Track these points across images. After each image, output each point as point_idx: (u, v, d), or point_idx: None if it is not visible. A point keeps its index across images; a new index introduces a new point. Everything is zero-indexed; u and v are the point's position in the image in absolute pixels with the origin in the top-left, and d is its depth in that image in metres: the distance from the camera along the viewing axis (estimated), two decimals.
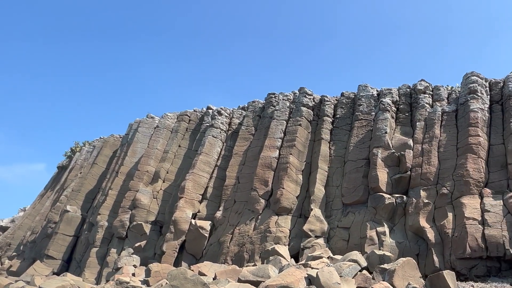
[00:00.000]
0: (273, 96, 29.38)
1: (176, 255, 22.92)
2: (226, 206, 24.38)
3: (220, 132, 28.59)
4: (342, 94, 27.79)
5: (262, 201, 23.37)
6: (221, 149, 28.03)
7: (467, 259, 17.57)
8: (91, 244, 25.79)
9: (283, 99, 28.42)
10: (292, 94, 28.97)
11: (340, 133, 25.65)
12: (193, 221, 23.74)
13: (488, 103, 23.10)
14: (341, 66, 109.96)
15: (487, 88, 23.80)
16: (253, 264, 19.98)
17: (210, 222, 23.96)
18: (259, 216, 22.84)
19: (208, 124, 29.60)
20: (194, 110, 32.35)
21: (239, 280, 15.82)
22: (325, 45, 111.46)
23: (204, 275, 17.71)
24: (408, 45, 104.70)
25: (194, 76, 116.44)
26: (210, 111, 31.11)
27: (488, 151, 21.22)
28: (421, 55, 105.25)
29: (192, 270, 17.92)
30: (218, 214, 24.10)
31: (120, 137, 34.24)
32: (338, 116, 26.59)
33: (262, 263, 19.69)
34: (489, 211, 18.51)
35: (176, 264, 22.22)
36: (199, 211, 24.75)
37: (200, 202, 25.26)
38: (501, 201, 18.92)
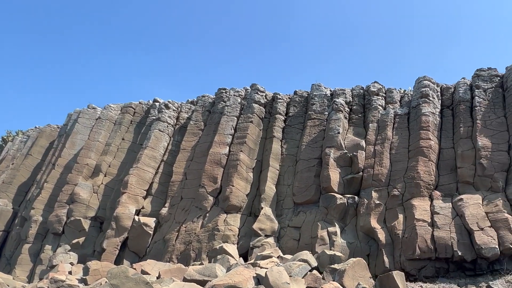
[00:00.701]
0: (223, 91, 29.08)
1: (117, 252, 22.17)
2: (172, 203, 23.86)
3: (167, 126, 27.94)
4: (295, 93, 27.93)
5: (211, 198, 23.05)
6: (168, 144, 27.43)
7: (416, 260, 18.04)
8: (23, 240, 24.47)
9: (234, 95, 28.19)
10: (244, 90, 28.80)
11: (292, 132, 25.74)
12: (136, 217, 23.07)
13: (439, 107, 23.99)
14: (294, 64, 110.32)
15: (439, 93, 24.70)
16: (199, 263, 19.67)
17: (154, 219, 23.36)
18: (207, 214, 22.53)
19: (154, 118, 28.89)
20: (140, 102, 31.51)
21: (185, 279, 15.49)
22: (278, 42, 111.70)
23: (147, 273, 17.28)
24: (362, 47, 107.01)
25: (141, 68, 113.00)
26: (157, 104, 30.38)
27: (439, 154, 22.03)
28: (375, 57, 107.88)
29: (135, 269, 17.51)
30: (164, 210, 23.53)
31: (58, 128, 32.84)
32: (290, 114, 26.69)
33: (210, 262, 19.43)
34: (438, 213, 19.12)
35: (117, 262, 21.48)
36: (143, 207, 24.08)
37: (145, 198, 24.59)
38: (450, 203, 19.63)
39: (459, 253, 17.44)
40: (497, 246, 17.06)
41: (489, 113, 22.23)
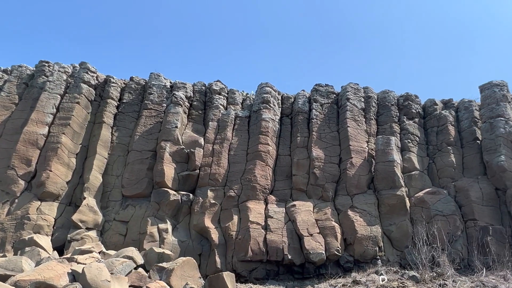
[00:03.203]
0: (46, 64, 26.96)
1: None
2: None
3: None
4: (131, 79, 27.22)
5: (22, 182, 21.06)
6: None
7: (248, 262, 19.01)
8: None
9: (59, 71, 26.33)
10: (71, 67, 27.09)
11: (125, 120, 24.99)
12: None
13: (279, 115, 25.74)
14: (132, 49, 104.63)
15: (279, 101, 26.56)
16: (2, 255, 17.83)
17: None
18: (16, 200, 20.55)
19: None
20: None
21: None
22: (116, 25, 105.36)
23: None
24: (206, 44, 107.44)
25: None
26: None
27: (276, 160, 23.61)
28: (219, 56, 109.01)
29: None
30: None
31: None
32: (125, 101, 25.91)
33: (15, 254, 17.72)
34: (272, 217, 20.41)
35: None
36: None
37: None
38: (284, 208, 21.20)
39: (289, 257, 18.90)
40: (323, 252, 18.97)
41: (324, 126, 24.55)
